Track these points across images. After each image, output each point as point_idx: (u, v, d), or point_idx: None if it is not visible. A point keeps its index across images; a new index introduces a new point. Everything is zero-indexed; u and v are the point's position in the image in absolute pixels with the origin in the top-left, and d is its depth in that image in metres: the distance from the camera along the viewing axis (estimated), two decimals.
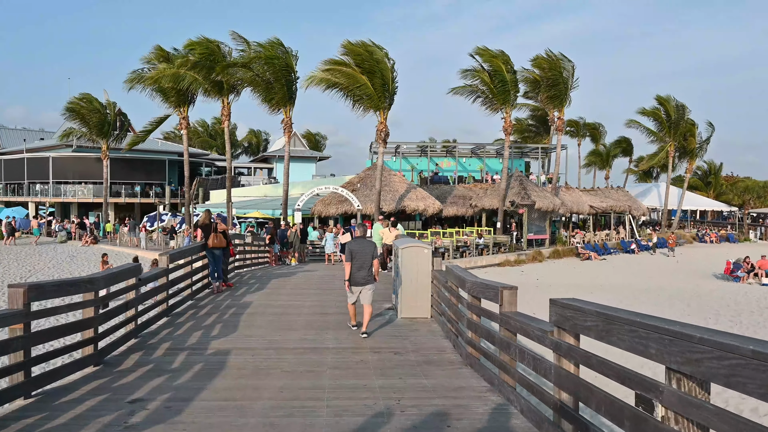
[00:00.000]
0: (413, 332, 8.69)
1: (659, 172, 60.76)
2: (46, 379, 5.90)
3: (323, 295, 12.20)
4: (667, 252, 35.76)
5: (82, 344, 6.68)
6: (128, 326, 8.08)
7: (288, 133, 29.62)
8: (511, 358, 5.24)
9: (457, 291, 7.89)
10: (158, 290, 9.50)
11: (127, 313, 8.08)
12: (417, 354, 7.39)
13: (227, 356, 7.24)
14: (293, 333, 8.59)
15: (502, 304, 5.38)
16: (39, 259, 31.47)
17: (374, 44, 26.31)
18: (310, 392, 5.70)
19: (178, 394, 5.60)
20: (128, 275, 7.90)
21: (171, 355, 7.31)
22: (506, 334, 5.34)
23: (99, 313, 6.95)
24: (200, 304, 10.90)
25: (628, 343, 2.88)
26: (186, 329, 8.82)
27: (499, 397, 5.40)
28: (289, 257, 20.57)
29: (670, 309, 15.78)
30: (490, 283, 5.91)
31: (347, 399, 5.47)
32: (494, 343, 5.61)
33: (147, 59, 32.71)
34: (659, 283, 22.26)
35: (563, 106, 34.74)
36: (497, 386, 5.50)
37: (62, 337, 6.58)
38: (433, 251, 9.74)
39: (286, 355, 7.30)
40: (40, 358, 5.90)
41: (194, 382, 6.08)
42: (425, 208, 31.17)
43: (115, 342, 7.52)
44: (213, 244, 12.12)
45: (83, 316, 6.79)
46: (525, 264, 29.44)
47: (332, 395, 5.59)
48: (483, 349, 6.33)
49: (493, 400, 5.34)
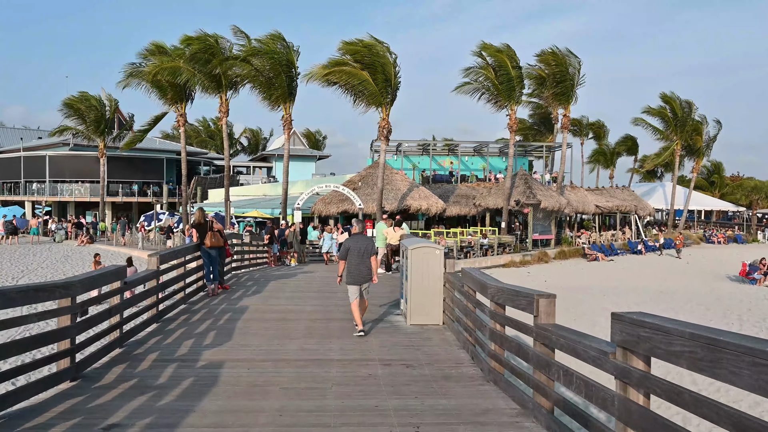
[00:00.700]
0: (425, 341, 7.93)
1: (663, 171, 60.02)
2: (12, 399, 5.13)
3: (325, 298, 11.44)
4: (675, 253, 35.01)
5: (56, 357, 5.92)
6: (112, 334, 7.32)
7: (288, 129, 28.84)
8: (548, 377, 4.49)
9: (475, 296, 7.14)
10: (147, 294, 8.74)
11: (111, 320, 7.33)
12: (432, 367, 6.63)
13: (220, 369, 6.48)
14: (293, 342, 7.84)
15: (537, 314, 4.62)
16: (33, 259, 30.76)
17: (374, 39, 25.51)
18: (313, 416, 4.94)
19: (161, 419, 4.84)
20: (111, 278, 7.14)
21: (158, 367, 6.56)
22: (543, 350, 4.58)
23: (77, 322, 6.20)
24: (194, 309, 10.14)
25: (752, 380, 2.12)
26: (176, 337, 8.07)
27: (534, 423, 4.64)
28: (288, 258, 19.81)
29: (690, 313, 15.03)
30: (522, 289, 5.14)
31: (357, 425, 4.71)
32: (528, 360, 4.85)
33: (143, 54, 31.94)
34: (673, 285, 21.50)
35: (569, 103, 33.96)
36: (532, 410, 4.74)
37: (33, 349, 5.83)
38: (445, 252, 8.97)
39: (286, 369, 6.54)
40: (5, 375, 5.15)
41: (181, 402, 5.32)
42: (428, 207, 30.41)
43: (97, 353, 6.76)
44: (210, 244, 11.39)
45: (58, 325, 6.05)
46: (531, 265, 28.69)
47: (339, 420, 4.83)
48: (510, 364, 5.58)
49: (528, 428, 4.58)
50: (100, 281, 6.81)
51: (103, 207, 42.21)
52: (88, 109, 40.03)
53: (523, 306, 4.95)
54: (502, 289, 5.61)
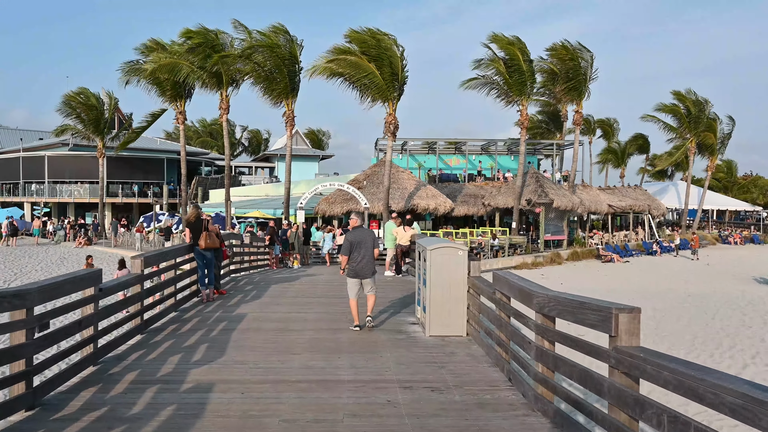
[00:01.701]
0: (449, 357, 6.82)
1: (673, 170, 58.76)
2: None
3: (331, 305, 10.35)
4: (690, 254, 33.78)
5: (8, 381, 4.86)
6: (84, 350, 6.25)
7: (290, 126, 27.76)
8: (632, 418, 3.39)
9: (509, 304, 6.06)
10: (130, 302, 7.67)
11: (83, 333, 6.27)
12: (461, 391, 5.52)
13: (209, 394, 5.40)
14: (295, 357, 6.75)
15: (617, 334, 3.53)
16: (28, 261, 29.87)
17: (381, 32, 24.43)
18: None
19: None
20: (81, 285, 6.06)
21: (134, 391, 5.48)
22: (625, 382, 3.48)
23: (34, 338, 5.14)
24: (185, 317, 9.06)
25: None
26: (162, 352, 6.99)
27: None
28: (291, 259, 18.73)
29: (729, 319, 13.93)
30: (589, 300, 4.03)
31: None
32: (600, 393, 3.74)
33: (141, 51, 30.96)
34: (699, 288, 20.33)
35: (581, 98, 32.79)
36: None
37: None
38: (469, 253, 7.88)
39: (287, 393, 5.45)
40: None
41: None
42: (436, 206, 29.30)
43: (63, 374, 5.68)
44: (205, 245, 10.31)
45: (11, 343, 4.99)
46: (543, 266, 27.57)
47: None
48: (564, 391, 4.47)
49: None
50: (66, 288, 5.73)
51: (102, 208, 41.22)
52: (87, 108, 39.05)
53: (591, 322, 3.84)
54: (556, 298, 4.51)
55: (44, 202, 46.29)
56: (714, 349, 12.36)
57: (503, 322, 6.11)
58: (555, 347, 4.82)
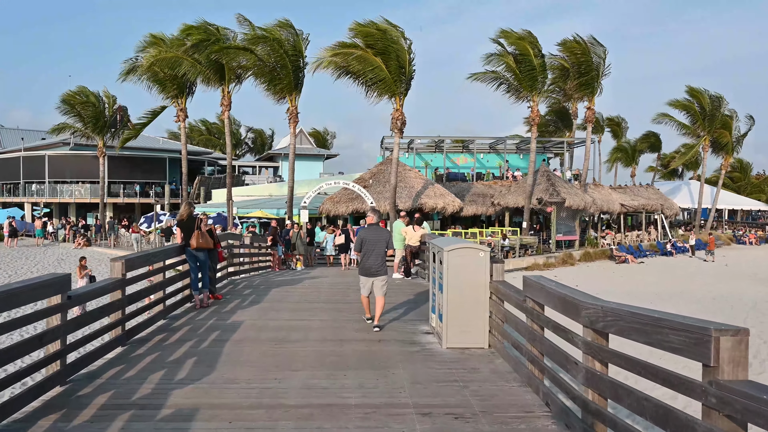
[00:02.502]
0: (472, 374, 5.93)
1: (684, 169, 57.63)
2: None
3: (336, 311, 9.47)
4: (705, 255, 32.72)
5: None
6: (49, 368, 5.40)
7: (293, 123, 26.91)
8: None
9: (543, 313, 5.17)
10: (108, 310, 6.81)
11: (48, 347, 5.41)
12: (491, 419, 4.63)
13: (190, 423, 4.54)
14: (296, 375, 5.88)
15: (717, 364, 2.63)
16: (25, 262, 29.21)
17: (388, 22, 23.55)
18: None
19: None
20: (44, 292, 5.21)
21: (103, 419, 4.62)
22: (728, 428, 2.59)
23: None
24: (174, 326, 8.20)
25: None
26: (142, 368, 6.13)
27: None
28: (294, 261, 17.88)
29: (760, 325, 12.96)
30: (665, 316, 3.11)
31: None
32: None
33: (141, 47, 30.21)
34: (722, 290, 19.39)
35: (594, 95, 31.81)
36: None
37: None
38: (491, 255, 6.99)
39: (283, 422, 4.58)
40: None
41: None
42: (444, 206, 28.41)
43: (22, 397, 4.83)
44: (197, 245, 9.46)
45: None
46: (555, 268, 26.62)
47: None
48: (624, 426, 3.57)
49: None
50: (24, 297, 4.87)
51: (103, 208, 40.50)
52: (86, 105, 38.35)
53: (674, 345, 2.95)
54: (617, 312, 3.60)
55: (45, 202, 45.64)
56: (751, 358, 11.42)
57: (537, 335, 5.22)
58: (608, 369, 3.94)
